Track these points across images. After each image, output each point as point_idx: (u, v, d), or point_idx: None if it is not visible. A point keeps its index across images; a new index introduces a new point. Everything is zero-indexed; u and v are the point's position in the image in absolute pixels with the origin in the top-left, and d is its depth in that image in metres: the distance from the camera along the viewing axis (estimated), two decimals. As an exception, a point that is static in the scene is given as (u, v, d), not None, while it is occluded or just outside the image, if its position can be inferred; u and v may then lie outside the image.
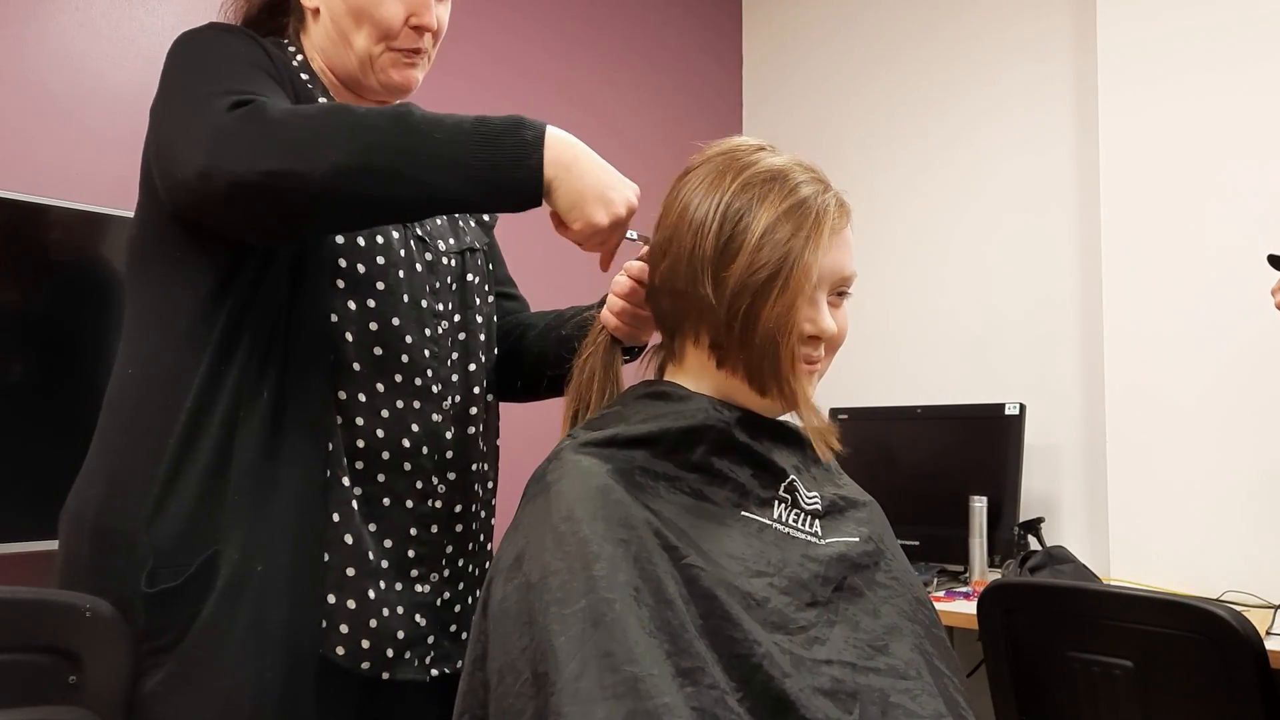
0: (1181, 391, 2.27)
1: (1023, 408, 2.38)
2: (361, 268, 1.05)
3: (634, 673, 0.74)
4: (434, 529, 1.09)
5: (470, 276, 1.18)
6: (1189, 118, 2.30)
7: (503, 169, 0.91)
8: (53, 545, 1.05)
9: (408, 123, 0.92)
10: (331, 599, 1.00)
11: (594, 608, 0.76)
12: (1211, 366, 2.23)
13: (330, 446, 1.01)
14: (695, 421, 0.91)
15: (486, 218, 1.26)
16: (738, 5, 3.34)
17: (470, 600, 1.14)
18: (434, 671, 1.08)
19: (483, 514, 1.18)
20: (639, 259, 1.03)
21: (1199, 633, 1.44)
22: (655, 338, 1.04)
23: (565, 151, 0.94)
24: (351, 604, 1.01)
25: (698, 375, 0.96)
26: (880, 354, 2.85)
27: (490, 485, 1.20)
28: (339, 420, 1.03)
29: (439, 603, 1.10)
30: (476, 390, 1.16)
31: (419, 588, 1.08)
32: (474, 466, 1.15)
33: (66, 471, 1.04)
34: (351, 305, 1.04)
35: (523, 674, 0.77)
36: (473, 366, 1.16)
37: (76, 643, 0.93)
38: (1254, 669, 1.40)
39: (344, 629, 1.00)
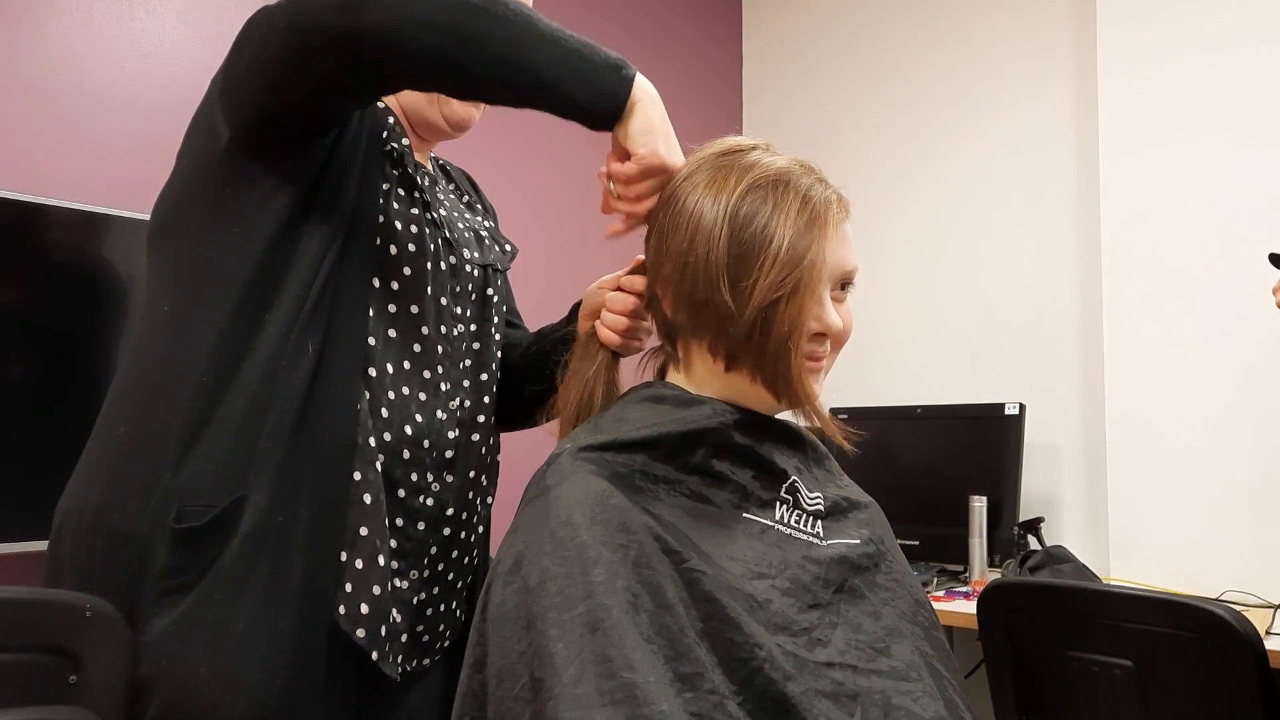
0: (1181, 391, 2.27)
1: (1023, 408, 2.39)
2: (394, 249, 1.06)
3: (631, 679, 0.73)
4: (420, 525, 1.08)
5: (490, 292, 1.19)
6: (1190, 116, 2.30)
7: (602, 69, 0.96)
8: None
9: (524, 6, 0.95)
10: (344, 556, 0.99)
11: (592, 613, 0.76)
12: (1212, 366, 2.23)
13: (359, 407, 1.01)
14: (695, 425, 0.90)
15: (509, 247, 1.27)
16: (738, 5, 3.34)
17: (443, 607, 1.13)
18: (399, 669, 1.07)
19: (480, 528, 1.18)
20: (633, 271, 1.04)
21: (1199, 632, 1.44)
22: (653, 338, 1.04)
23: (651, 89, 1.00)
24: (359, 564, 1.00)
25: (703, 378, 0.95)
26: (880, 354, 2.85)
27: (488, 500, 1.20)
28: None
29: (415, 601, 1.09)
30: (486, 399, 1.17)
31: (396, 581, 1.06)
32: (473, 474, 1.14)
33: (66, 472, 1.04)
34: (376, 283, 1.05)
35: (521, 678, 0.77)
36: (484, 376, 1.17)
37: (76, 643, 0.92)
38: (1254, 669, 1.40)
39: (349, 587, 0.99)
